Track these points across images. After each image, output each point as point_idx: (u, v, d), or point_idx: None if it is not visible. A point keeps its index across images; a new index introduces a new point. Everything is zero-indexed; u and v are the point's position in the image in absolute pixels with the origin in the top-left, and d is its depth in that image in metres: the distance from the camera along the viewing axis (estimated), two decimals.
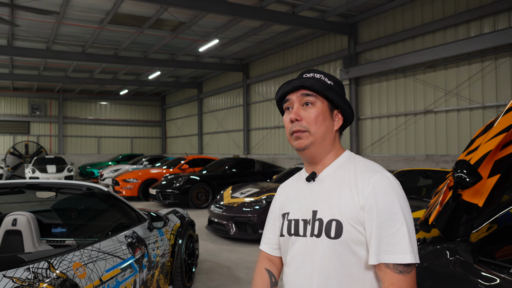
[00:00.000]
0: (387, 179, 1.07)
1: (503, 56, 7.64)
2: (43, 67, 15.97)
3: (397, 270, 1.00)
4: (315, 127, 1.14)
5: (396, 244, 1.01)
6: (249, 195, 6.54)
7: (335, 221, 1.07)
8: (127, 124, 24.05)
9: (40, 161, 16.00)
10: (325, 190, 1.14)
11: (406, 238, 1.01)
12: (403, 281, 1.00)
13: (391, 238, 1.01)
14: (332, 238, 1.07)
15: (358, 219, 1.06)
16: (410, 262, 1.00)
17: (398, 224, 1.01)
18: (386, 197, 1.04)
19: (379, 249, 1.02)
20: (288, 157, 13.33)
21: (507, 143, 2.52)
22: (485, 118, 7.88)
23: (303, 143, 1.15)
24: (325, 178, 1.17)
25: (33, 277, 1.82)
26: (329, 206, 1.10)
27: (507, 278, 1.84)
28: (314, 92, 1.16)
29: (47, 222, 3.46)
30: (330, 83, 1.19)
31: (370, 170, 1.11)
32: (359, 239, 1.06)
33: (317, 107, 1.16)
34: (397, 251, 1.00)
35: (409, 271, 1.01)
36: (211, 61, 15.48)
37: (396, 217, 1.02)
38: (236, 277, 4.51)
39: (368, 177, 1.08)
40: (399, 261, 1.00)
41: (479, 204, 2.47)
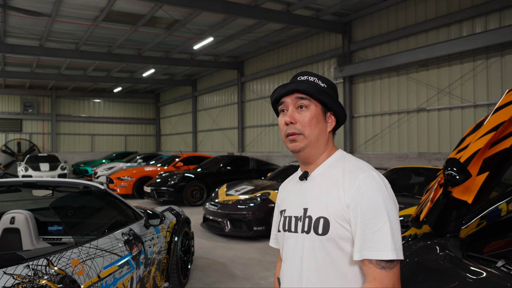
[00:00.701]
0: (373, 178, 1.11)
1: (494, 56, 7.75)
2: (35, 64, 15.85)
3: (380, 265, 1.05)
4: (309, 130, 1.18)
5: (379, 241, 1.05)
6: (244, 192, 6.59)
7: (323, 219, 1.12)
8: (121, 121, 23.95)
9: (33, 159, 15.90)
10: (315, 189, 1.19)
11: (388, 236, 1.05)
12: (385, 276, 1.05)
13: (374, 235, 1.05)
14: (320, 234, 1.12)
15: (344, 216, 1.10)
16: (392, 258, 1.04)
17: (381, 222, 1.05)
18: (371, 196, 1.08)
19: (362, 245, 1.06)
20: (283, 155, 13.40)
21: (496, 141, 2.59)
22: (477, 116, 8.00)
23: (298, 145, 1.19)
24: (316, 177, 1.22)
25: (33, 274, 1.85)
26: (318, 204, 1.15)
27: (494, 272, 1.91)
28: (308, 95, 1.20)
29: (44, 220, 3.49)
30: (323, 86, 1.23)
31: (358, 169, 1.14)
32: (345, 236, 1.10)
33: (311, 110, 1.20)
34: (380, 248, 1.04)
35: (391, 267, 1.05)
36: (205, 59, 15.48)
37: (379, 215, 1.06)
38: (231, 274, 4.57)
39: (354, 176, 1.12)
40: (381, 258, 1.04)
41: (468, 201, 2.54)
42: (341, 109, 1.25)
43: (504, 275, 1.87)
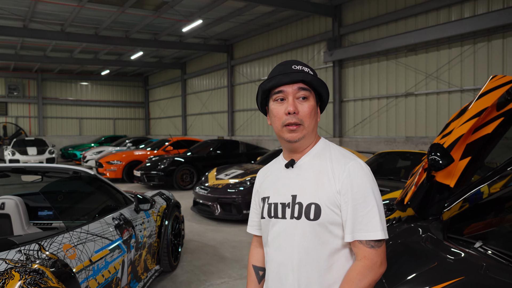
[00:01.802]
0: (360, 166, 1.19)
1: (481, 41, 7.83)
2: (20, 46, 15.46)
3: (369, 245, 1.14)
4: (309, 121, 1.22)
5: (369, 223, 1.14)
6: (234, 176, 6.65)
7: (314, 205, 1.17)
8: (109, 105, 23.64)
9: (19, 143, 15.66)
10: (303, 177, 1.23)
11: (377, 218, 1.15)
12: (374, 254, 1.15)
13: (364, 218, 1.14)
14: (311, 219, 1.17)
15: (335, 202, 1.17)
16: (381, 238, 1.14)
17: (370, 206, 1.15)
18: (360, 182, 1.16)
19: (354, 228, 1.15)
20: (272, 139, 13.46)
21: (478, 127, 2.67)
22: (463, 101, 8.12)
23: (297, 136, 1.22)
24: (303, 165, 1.25)
25: (25, 258, 1.88)
26: (308, 191, 1.20)
27: (471, 252, 2.01)
28: (311, 87, 1.23)
29: (34, 205, 3.49)
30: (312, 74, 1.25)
31: (345, 158, 1.22)
32: (335, 220, 1.17)
33: (310, 102, 1.22)
34: (370, 229, 1.14)
35: (379, 245, 1.16)
36: (194, 41, 15.28)
37: (368, 199, 1.15)
38: (221, 256, 4.66)
39: (343, 164, 1.19)
40: (371, 238, 1.13)
41: (450, 185, 2.62)
42: (327, 102, 1.31)
43: (481, 255, 1.97)
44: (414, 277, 1.89)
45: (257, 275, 1.44)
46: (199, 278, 3.97)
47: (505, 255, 1.91)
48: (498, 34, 7.55)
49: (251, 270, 1.45)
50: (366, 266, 1.14)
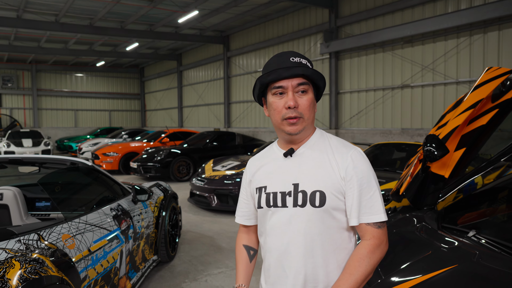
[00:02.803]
0: (360, 153, 1.26)
1: (477, 33, 7.85)
2: (13, 36, 15.28)
3: (377, 225, 1.23)
4: (308, 114, 1.25)
5: (373, 206, 1.22)
6: (230, 168, 6.67)
7: (319, 192, 1.21)
8: (104, 96, 23.50)
9: (14, 135, 15.57)
10: (304, 166, 1.26)
11: (380, 201, 1.23)
12: (382, 233, 1.24)
13: (368, 202, 1.22)
14: (317, 206, 1.21)
15: (339, 189, 1.22)
16: (384, 220, 1.23)
17: (373, 190, 1.23)
18: (363, 169, 1.23)
19: (360, 211, 1.22)
20: (269, 131, 13.47)
21: (473, 118, 2.69)
22: (459, 93, 8.16)
23: (298, 128, 1.24)
24: (302, 154, 1.28)
25: (25, 248, 1.90)
26: (311, 179, 1.23)
27: (465, 241, 2.05)
28: (310, 81, 1.25)
29: (31, 197, 3.50)
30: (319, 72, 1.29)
31: (345, 147, 1.27)
32: (339, 206, 1.23)
33: (309, 95, 1.25)
34: (374, 212, 1.22)
35: (384, 225, 1.25)
36: (190, 32, 15.17)
37: (371, 184, 1.23)
38: (218, 247, 4.70)
39: (345, 152, 1.25)
40: (377, 220, 1.22)
41: (445, 176, 2.66)
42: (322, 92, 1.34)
43: (474, 243, 2.01)
44: (408, 266, 1.93)
45: (248, 253, 1.44)
46: (197, 268, 4.01)
47: (498, 244, 1.95)
48: (494, 26, 7.57)
49: (241, 250, 1.45)
50: (375, 244, 1.21)
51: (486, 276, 1.73)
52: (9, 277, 1.62)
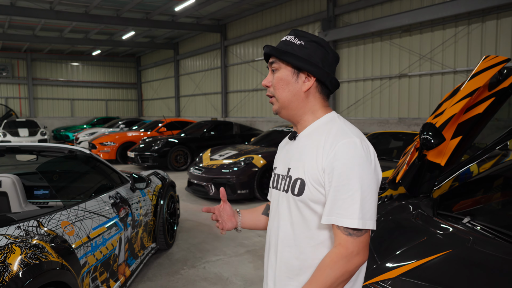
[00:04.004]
0: (353, 145, 1.08)
1: (476, 22, 7.82)
2: (7, 24, 15.09)
3: (347, 232, 1.06)
4: (278, 93, 1.19)
5: (347, 209, 1.05)
6: (228, 157, 6.69)
7: (300, 180, 1.14)
8: (101, 86, 23.34)
9: (10, 125, 15.49)
10: (298, 150, 1.20)
11: (357, 205, 1.04)
12: (351, 242, 1.05)
13: (344, 202, 1.05)
14: (295, 195, 1.14)
15: (319, 180, 1.10)
16: (357, 227, 1.04)
17: (352, 190, 1.05)
18: (346, 162, 1.06)
19: (331, 210, 1.07)
20: (266, 120, 13.47)
21: (470, 107, 2.71)
22: (456, 82, 8.17)
23: (274, 108, 1.23)
24: (301, 138, 1.22)
25: (25, 234, 1.91)
26: (297, 165, 1.17)
27: (459, 227, 2.08)
28: (274, 58, 1.20)
29: (29, 185, 3.51)
30: (299, 44, 1.17)
31: (342, 134, 1.11)
32: (319, 199, 1.11)
33: (279, 73, 1.19)
34: (346, 215, 1.05)
35: (358, 234, 1.05)
36: (187, 21, 15.03)
37: (351, 183, 1.05)
38: (216, 235, 4.74)
39: (335, 141, 1.10)
40: (346, 225, 1.05)
41: (441, 164, 2.68)
42: (314, 67, 1.16)
43: (469, 230, 2.04)
44: (404, 251, 1.96)
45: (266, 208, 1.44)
46: (195, 255, 4.05)
47: (492, 230, 1.98)
48: (493, 15, 7.55)
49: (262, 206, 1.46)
50: (340, 254, 1.06)
51: (480, 260, 1.76)
52: (10, 262, 1.63)
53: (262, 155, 6.51)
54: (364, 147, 1.09)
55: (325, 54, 1.19)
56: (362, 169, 1.06)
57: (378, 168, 1.12)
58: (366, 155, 1.08)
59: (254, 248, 4.25)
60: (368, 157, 1.08)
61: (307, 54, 1.16)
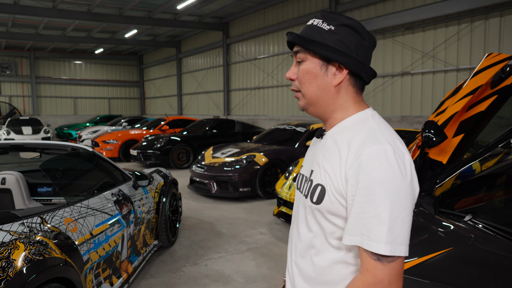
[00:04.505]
0: (383, 154, 0.90)
1: (479, 19, 7.79)
2: (11, 23, 15.14)
3: (375, 256, 0.89)
4: (305, 87, 1.04)
5: (373, 230, 0.88)
6: (230, 155, 6.70)
7: (320, 186, 1.00)
8: (103, 84, 23.40)
9: (14, 123, 15.56)
10: (323, 152, 1.05)
11: (384, 226, 0.87)
12: (381, 269, 0.88)
13: (369, 222, 0.89)
14: (314, 203, 1.01)
15: (341, 190, 0.95)
16: (384, 253, 0.87)
17: (379, 208, 0.88)
18: (373, 175, 0.89)
19: (354, 229, 0.91)
20: (268, 118, 13.47)
21: (472, 104, 2.71)
22: (459, 80, 8.14)
23: (300, 104, 1.08)
24: (327, 138, 1.06)
25: (29, 230, 1.93)
26: (320, 170, 1.02)
27: (461, 225, 2.08)
28: (299, 47, 1.04)
29: (33, 182, 3.53)
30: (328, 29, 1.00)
31: (371, 140, 0.94)
32: (339, 211, 0.96)
33: (306, 64, 1.03)
34: (372, 238, 0.88)
35: (390, 260, 0.88)
36: (189, 19, 15.03)
37: (379, 199, 0.88)
38: (218, 232, 4.75)
39: (362, 148, 0.93)
40: (372, 249, 0.88)
41: (443, 162, 2.68)
42: (349, 58, 0.99)
43: (470, 227, 2.04)
44: None
45: None
46: (197, 252, 4.07)
47: (493, 228, 1.99)
48: (496, 12, 7.51)
49: None
50: (367, 282, 0.90)
51: (481, 258, 1.77)
52: (14, 258, 1.65)
53: (264, 153, 6.51)
54: (398, 157, 0.91)
55: (359, 40, 1.00)
56: (393, 183, 0.89)
57: (414, 182, 0.94)
58: (400, 166, 0.90)
59: (256, 246, 4.26)
60: (402, 169, 0.90)
61: (337, 42, 0.99)
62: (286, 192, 4.75)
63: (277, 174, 6.56)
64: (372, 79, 1.05)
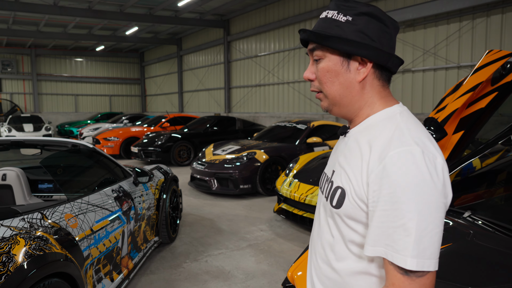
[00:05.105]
0: (410, 156, 0.81)
1: (480, 16, 7.76)
2: (12, 20, 15.15)
3: (402, 271, 0.80)
4: (326, 87, 0.95)
5: (398, 242, 0.79)
6: (231, 152, 6.71)
7: (340, 189, 0.92)
8: (104, 81, 23.42)
9: (16, 120, 15.60)
10: (345, 151, 0.97)
11: (411, 238, 0.78)
12: (408, 285, 0.80)
13: (394, 232, 0.80)
14: (333, 206, 0.93)
15: (362, 195, 0.87)
16: (410, 268, 0.78)
17: (405, 218, 0.78)
18: (398, 181, 0.80)
19: (378, 240, 0.82)
20: (269, 115, 13.47)
21: (472, 101, 2.70)
22: (460, 77, 8.13)
23: (323, 105, 1.00)
24: (351, 136, 0.98)
25: (29, 226, 1.94)
26: (341, 171, 0.94)
27: (460, 221, 2.09)
28: (315, 44, 0.95)
29: (33, 179, 3.54)
30: (345, 20, 0.91)
31: (397, 140, 0.84)
32: (359, 216, 0.89)
33: (325, 62, 0.94)
34: (398, 250, 0.79)
35: (419, 275, 0.79)
36: (190, 16, 15.01)
37: (404, 208, 0.79)
38: (218, 229, 4.77)
39: (387, 150, 0.83)
40: (397, 263, 0.80)
41: None
42: (372, 50, 0.90)
43: (469, 224, 2.05)
44: None
45: None
46: (197, 249, 4.08)
47: (492, 224, 1.99)
48: (498, 9, 7.49)
49: None
50: None
51: (479, 254, 1.77)
52: (15, 253, 1.66)
53: (264, 150, 6.52)
54: (428, 160, 0.81)
55: (382, 27, 0.90)
56: (422, 190, 0.79)
57: (447, 188, 0.83)
58: (430, 170, 0.80)
59: (256, 242, 4.27)
60: (433, 174, 0.80)
61: (357, 33, 0.90)
62: (286, 189, 4.76)
63: (277, 171, 6.56)
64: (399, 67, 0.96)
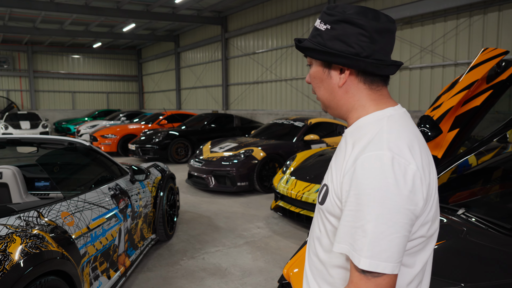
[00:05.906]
0: (378, 161, 0.83)
1: (477, 14, 7.78)
2: (8, 17, 15.06)
3: (359, 269, 0.82)
4: (316, 91, 1.03)
5: (357, 241, 0.82)
6: (228, 149, 6.72)
7: (326, 187, 0.97)
8: (102, 78, 23.33)
9: (12, 117, 15.52)
10: (337, 151, 1.02)
11: (366, 239, 0.80)
12: (364, 284, 0.81)
13: (356, 232, 0.82)
14: (319, 202, 0.99)
15: (338, 193, 0.90)
16: (363, 268, 0.80)
17: (365, 220, 0.81)
18: (363, 183, 0.82)
19: (343, 238, 0.85)
20: (267, 113, 13.47)
21: (468, 99, 2.72)
22: (457, 75, 8.15)
23: (322, 107, 1.07)
24: (344, 137, 1.02)
25: (25, 224, 1.95)
26: (330, 169, 0.99)
27: (454, 219, 2.11)
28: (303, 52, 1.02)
29: (30, 177, 3.54)
30: (323, 29, 0.94)
31: (373, 144, 0.86)
32: (337, 214, 0.91)
33: (312, 69, 1.02)
34: (356, 249, 0.82)
35: (374, 276, 0.80)
36: (188, 13, 14.96)
37: (365, 210, 0.81)
38: (216, 226, 4.78)
39: (361, 153, 0.86)
40: (353, 261, 0.82)
41: (438, 156, 2.70)
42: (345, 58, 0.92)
43: (463, 221, 2.07)
44: None
45: None
46: (194, 246, 4.10)
47: (485, 221, 2.01)
48: (495, 7, 7.50)
49: None
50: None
51: (473, 251, 1.79)
52: (11, 251, 1.67)
53: (262, 148, 6.53)
54: (397, 166, 0.82)
55: (359, 32, 0.91)
56: (384, 194, 0.80)
57: (417, 195, 0.83)
58: (396, 176, 0.81)
59: (253, 240, 4.29)
60: (399, 180, 0.81)
61: (335, 41, 0.92)
62: (284, 187, 4.77)
63: (274, 169, 6.58)
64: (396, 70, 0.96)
